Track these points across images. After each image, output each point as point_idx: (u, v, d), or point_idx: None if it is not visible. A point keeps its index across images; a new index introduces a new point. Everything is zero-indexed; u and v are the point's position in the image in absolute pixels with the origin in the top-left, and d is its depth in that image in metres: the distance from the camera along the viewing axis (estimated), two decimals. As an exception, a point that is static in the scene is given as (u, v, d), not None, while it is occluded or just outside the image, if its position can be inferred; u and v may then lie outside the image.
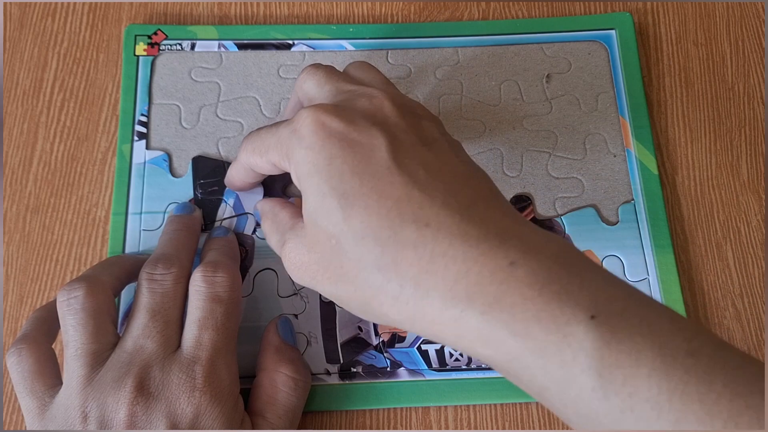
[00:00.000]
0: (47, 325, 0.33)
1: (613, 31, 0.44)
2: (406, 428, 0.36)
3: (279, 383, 0.33)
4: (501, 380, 0.36)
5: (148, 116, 0.41)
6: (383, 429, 0.36)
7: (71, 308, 0.31)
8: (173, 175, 0.40)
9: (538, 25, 0.44)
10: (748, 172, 0.42)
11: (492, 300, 0.24)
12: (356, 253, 0.27)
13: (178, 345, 0.32)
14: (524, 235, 0.26)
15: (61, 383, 0.31)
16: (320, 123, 0.28)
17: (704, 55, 0.45)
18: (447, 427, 0.36)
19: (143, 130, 0.41)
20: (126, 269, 0.35)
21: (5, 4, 0.45)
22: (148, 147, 0.41)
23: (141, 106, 0.42)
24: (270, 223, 0.34)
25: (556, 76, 0.43)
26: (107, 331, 0.32)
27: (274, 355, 0.35)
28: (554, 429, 0.36)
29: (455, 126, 0.42)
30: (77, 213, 0.40)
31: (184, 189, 0.40)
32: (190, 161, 0.40)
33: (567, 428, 0.36)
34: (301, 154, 0.29)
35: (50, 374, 0.31)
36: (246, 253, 0.38)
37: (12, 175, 0.41)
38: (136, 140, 0.41)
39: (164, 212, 0.39)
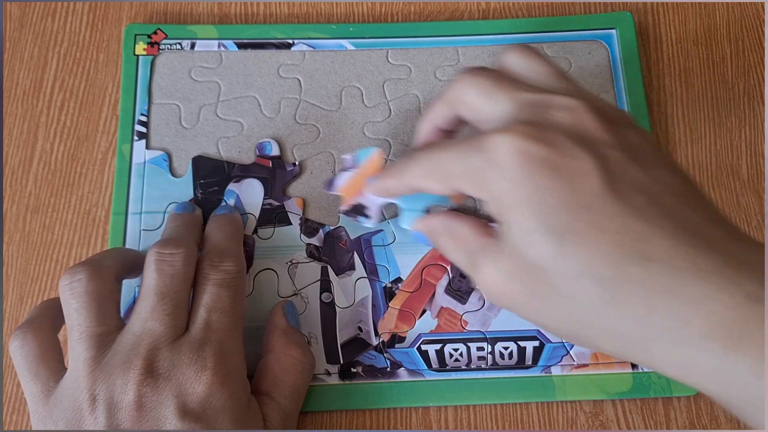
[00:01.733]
0: (53, 313, 0.33)
1: (613, 31, 0.44)
2: (406, 428, 0.36)
3: (288, 365, 0.34)
4: (501, 380, 0.36)
5: (147, 116, 0.41)
6: (383, 429, 0.36)
7: (74, 292, 0.31)
8: (173, 174, 0.40)
9: (538, 25, 0.44)
10: (748, 172, 0.42)
11: (733, 341, 0.22)
12: (571, 291, 0.25)
13: (186, 328, 0.31)
14: (753, 257, 0.24)
15: (65, 370, 0.31)
16: (521, 151, 0.25)
17: (704, 54, 0.45)
18: (447, 427, 0.36)
19: (143, 129, 0.41)
20: (129, 258, 0.34)
21: (5, 4, 0.45)
22: (148, 147, 0.41)
23: (141, 105, 0.41)
24: (450, 241, 0.31)
25: (557, 75, 0.43)
26: (111, 315, 0.31)
27: (281, 337, 0.35)
28: (554, 429, 0.36)
29: (455, 126, 0.42)
30: (77, 213, 0.40)
31: (184, 189, 0.40)
32: (190, 161, 0.40)
33: (567, 428, 0.36)
34: (502, 186, 0.26)
35: (54, 359, 0.31)
36: (246, 254, 0.38)
37: (12, 175, 0.41)
38: (136, 140, 0.41)
39: (164, 212, 0.39)
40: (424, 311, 0.37)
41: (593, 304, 0.25)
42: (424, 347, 0.37)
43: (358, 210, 0.38)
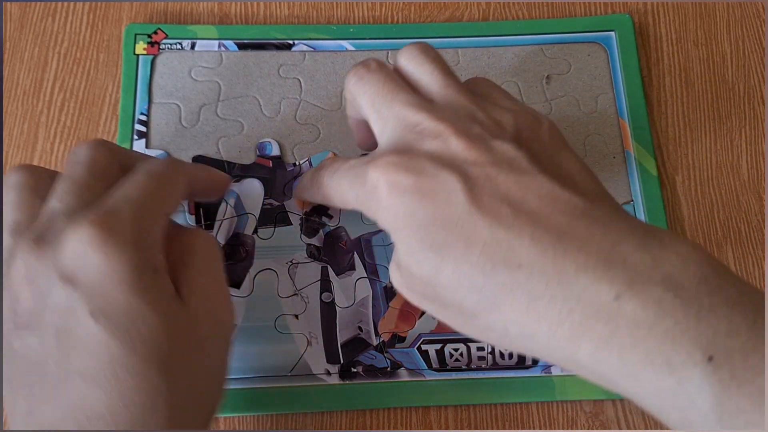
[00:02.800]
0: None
1: (612, 33, 0.44)
2: (406, 428, 0.36)
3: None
4: (501, 380, 0.36)
5: (147, 115, 0.41)
6: (383, 429, 0.36)
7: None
8: (173, 174, 0.40)
9: (537, 27, 0.44)
10: (748, 172, 0.42)
11: (599, 342, 0.23)
12: (455, 300, 0.27)
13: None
14: (629, 255, 0.24)
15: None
16: (391, 182, 0.27)
17: (704, 54, 0.45)
18: (447, 427, 0.36)
19: (143, 129, 0.41)
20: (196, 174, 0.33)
21: (5, 4, 0.45)
22: (147, 146, 0.41)
23: (141, 105, 0.41)
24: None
25: (556, 77, 0.43)
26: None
27: None
28: (554, 429, 0.36)
29: (455, 126, 0.42)
30: (77, 213, 0.40)
31: (184, 189, 0.40)
32: (190, 161, 0.40)
33: (567, 428, 0.36)
34: (382, 214, 0.28)
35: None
36: (246, 253, 0.38)
37: (12, 175, 0.41)
38: (136, 139, 0.41)
39: (164, 212, 0.39)
40: (424, 311, 0.37)
41: (476, 310, 0.26)
42: (424, 347, 0.37)
43: (320, 211, 0.39)
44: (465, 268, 0.26)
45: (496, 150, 0.28)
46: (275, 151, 0.41)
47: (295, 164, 0.40)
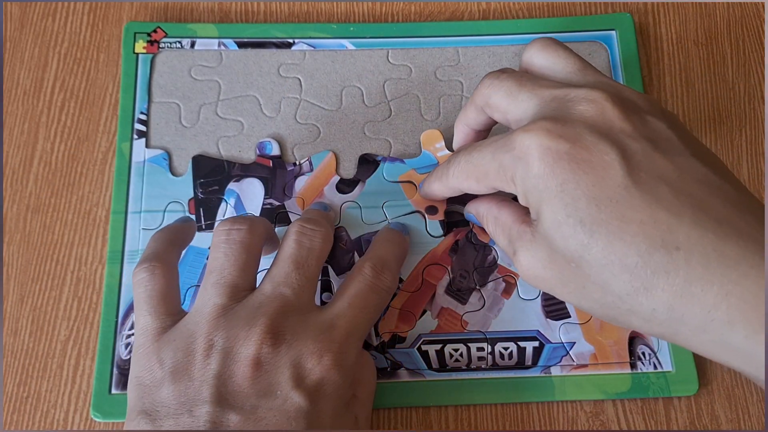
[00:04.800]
0: (176, 249, 0.33)
1: (613, 32, 0.44)
2: (406, 428, 0.36)
3: (364, 361, 0.33)
4: (501, 380, 0.36)
5: (147, 114, 0.41)
6: (383, 429, 0.36)
7: (230, 238, 0.31)
8: (173, 174, 0.40)
9: (538, 26, 0.44)
10: (748, 172, 0.42)
11: (757, 326, 0.23)
12: (600, 279, 0.26)
13: (312, 308, 0.32)
14: None
15: (182, 313, 0.31)
16: (545, 147, 0.27)
17: (705, 54, 0.45)
18: (447, 427, 0.36)
19: (143, 128, 0.41)
20: (271, 230, 0.35)
21: (5, 4, 0.45)
22: (147, 145, 0.41)
23: (140, 104, 0.41)
24: (494, 227, 0.33)
25: (557, 75, 0.43)
26: (252, 272, 0.32)
27: None
28: (554, 429, 0.36)
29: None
30: (78, 213, 0.40)
31: (183, 188, 0.40)
32: (190, 160, 0.40)
33: (567, 428, 0.36)
34: (530, 182, 0.27)
35: (175, 300, 0.32)
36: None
37: (12, 175, 0.41)
38: (136, 138, 0.41)
39: (164, 211, 0.39)
40: (424, 311, 0.37)
41: (623, 290, 0.26)
42: (424, 347, 0.37)
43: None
44: (618, 246, 0.25)
45: (650, 125, 0.27)
46: (275, 150, 0.41)
47: (295, 164, 0.40)
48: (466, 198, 0.36)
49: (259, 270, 0.33)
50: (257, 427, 0.27)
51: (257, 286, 0.32)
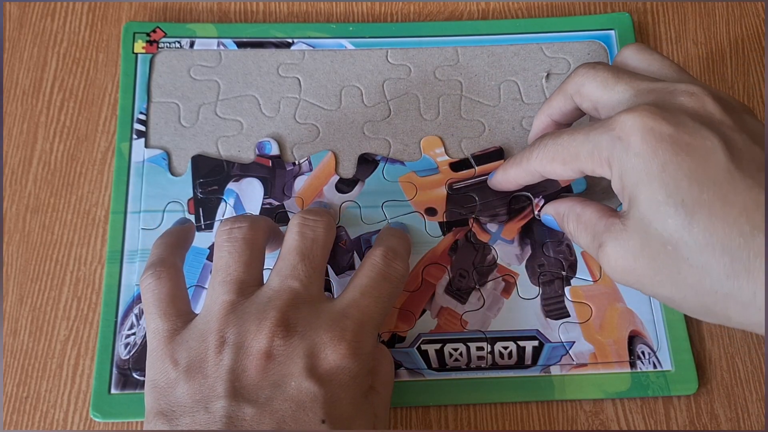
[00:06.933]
0: (180, 252, 0.34)
1: (612, 32, 0.44)
2: (406, 428, 0.36)
3: (380, 353, 0.33)
4: (501, 380, 0.36)
5: (147, 114, 0.41)
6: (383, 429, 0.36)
7: (232, 236, 0.32)
8: (172, 173, 0.40)
9: (537, 25, 0.44)
10: (747, 172, 0.42)
11: None
12: (700, 261, 0.26)
13: (322, 298, 0.32)
14: None
15: (192, 314, 0.31)
16: (648, 128, 0.27)
17: (704, 54, 0.45)
18: (447, 427, 0.36)
19: (142, 128, 0.41)
20: (274, 227, 0.35)
21: (5, 4, 0.45)
22: (147, 145, 0.41)
23: (140, 104, 0.41)
24: (575, 224, 0.33)
25: (556, 76, 0.43)
26: (258, 267, 0.32)
27: None
28: (554, 429, 0.36)
29: (455, 126, 0.42)
30: (77, 213, 0.40)
31: (183, 188, 0.40)
32: (190, 160, 0.40)
33: (567, 428, 0.36)
34: (630, 162, 0.27)
35: (184, 301, 0.32)
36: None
37: (12, 175, 0.41)
38: (135, 138, 0.41)
39: (163, 211, 0.39)
40: (423, 311, 0.37)
41: (722, 274, 0.25)
42: (423, 347, 0.37)
43: None
44: (719, 228, 0.25)
45: (747, 123, 0.28)
46: (275, 150, 0.41)
47: (294, 163, 0.40)
48: (467, 200, 0.36)
49: (265, 268, 0.33)
50: (273, 418, 0.27)
51: (264, 282, 0.32)
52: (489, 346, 0.37)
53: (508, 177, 0.36)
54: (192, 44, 0.43)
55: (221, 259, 0.31)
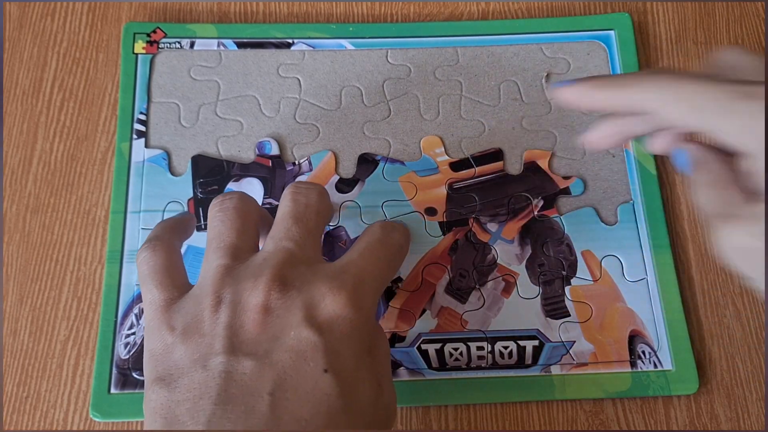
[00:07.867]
0: (177, 235, 0.34)
1: (612, 32, 0.44)
2: (405, 428, 0.36)
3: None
4: (501, 380, 0.36)
5: (147, 114, 0.41)
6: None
7: (224, 206, 0.32)
8: (172, 173, 0.40)
9: (537, 26, 0.44)
10: (747, 172, 0.42)
11: None
12: None
13: (319, 260, 0.31)
14: None
15: (188, 286, 0.31)
16: None
17: (704, 54, 0.45)
18: (447, 427, 0.36)
19: (142, 128, 0.41)
20: (264, 211, 0.35)
21: (5, 4, 0.45)
22: (147, 145, 0.41)
23: (140, 104, 0.41)
24: (709, 177, 0.28)
25: (556, 76, 0.43)
26: (252, 234, 0.32)
27: None
28: (554, 428, 0.36)
29: (455, 126, 0.42)
30: (77, 213, 0.40)
31: (183, 188, 0.40)
32: (190, 160, 0.40)
33: (567, 428, 0.36)
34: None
35: (181, 273, 0.31)
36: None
37: (12, 175, 0.41)
38: (135, 138, 0.41)
39: (163, 211, 0.39)
40: (424, 311, 0.37)
41: None
42: (424, 347, 0.37)
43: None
44: None
45: None
46: (275, 150, 0.41)
47: (294, 163, 0.40)
48: (467, 199, 0.36)
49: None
50: (274, 370, 0.27)
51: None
52: (489, 345, 0.37)
53: (591, 97, 0.29)
54: (192, 44, 0.43)
55: (214, 229, 0.31)
